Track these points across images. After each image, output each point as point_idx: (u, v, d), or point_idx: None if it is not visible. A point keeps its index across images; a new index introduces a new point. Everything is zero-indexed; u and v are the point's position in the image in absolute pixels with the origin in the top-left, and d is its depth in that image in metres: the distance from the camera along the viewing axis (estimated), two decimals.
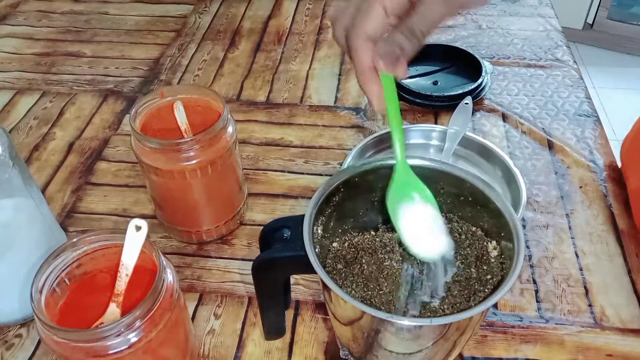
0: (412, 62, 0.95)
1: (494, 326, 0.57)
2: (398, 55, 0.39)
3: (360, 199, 0.46)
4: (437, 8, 0.38)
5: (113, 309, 0.45)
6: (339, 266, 0.44)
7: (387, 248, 0.44)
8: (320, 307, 0.59)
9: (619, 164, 0.73)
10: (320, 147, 0.78)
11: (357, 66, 0.40)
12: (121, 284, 0.45)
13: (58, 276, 0.45)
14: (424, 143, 0.74)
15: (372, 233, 0.47)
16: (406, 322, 0.38)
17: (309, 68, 0.93)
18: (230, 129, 0.60)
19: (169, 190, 0.61)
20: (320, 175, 0.74)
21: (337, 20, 0.41)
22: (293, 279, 0.61)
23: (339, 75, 0.91)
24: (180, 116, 0.60)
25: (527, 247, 0.64)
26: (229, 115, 0.59)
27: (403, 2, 0.39)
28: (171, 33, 1.03)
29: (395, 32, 0.39)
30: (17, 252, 0.55)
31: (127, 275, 0.45)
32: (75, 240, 0.45)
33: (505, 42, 0.96)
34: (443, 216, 0.46)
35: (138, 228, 0.45)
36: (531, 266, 0.62)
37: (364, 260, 0.44)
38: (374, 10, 0.39)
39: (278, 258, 0.42)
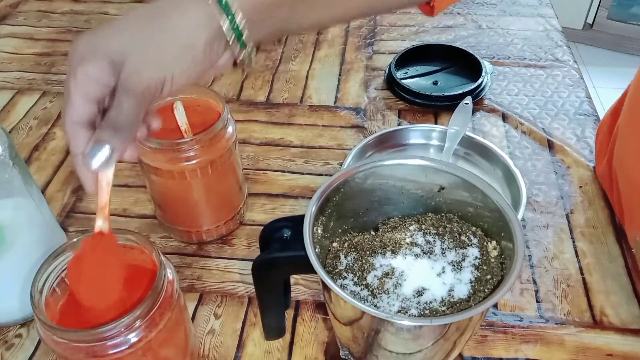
0: (412, 62, 0.95)
1: (494, 326, 0.57)
2: (108, 157, 0.39)
3: (360, 199, 0.46)
4: (128, 103, 0.38)
5: (100, 224, 0.44)
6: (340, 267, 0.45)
7: (387, 248, 0.44)
8: (320, 307, 0.59)
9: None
10: (320, 147, 0.78)
11: (71, 151, 0.40)
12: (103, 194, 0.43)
13: (58, 276, 0.45)
14: (424, 143, 0.74)
15: (372, 233, 0.47)
16: (406, 322, 0.38)
17: (309, 68, 0.93)
18: (230, 129, 0.60)
19: (169, 190, 0.61)
20: (320, 175, 0.74)
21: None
22: (293, 279, 0.61)
23: (339, 75, 0.91)
24: (180, 116, 0.60)
25: (527, 247, 0.64)
26: (229, 115, 0.59)
27: (102, 89, 0.39)
28: None
29: (101, 130, 0.39)
30: (17, 252, 0.55)
31: (107, 184, 0.43)
32: (75, 240, 0.45)
33: (505, 42, 0.96)
34: (443, 216, 0.46)
35: None
36: (531, 266, 0.62)
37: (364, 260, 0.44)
38: (75, 99, 0.38)
39: (278, 258, 0.42)
